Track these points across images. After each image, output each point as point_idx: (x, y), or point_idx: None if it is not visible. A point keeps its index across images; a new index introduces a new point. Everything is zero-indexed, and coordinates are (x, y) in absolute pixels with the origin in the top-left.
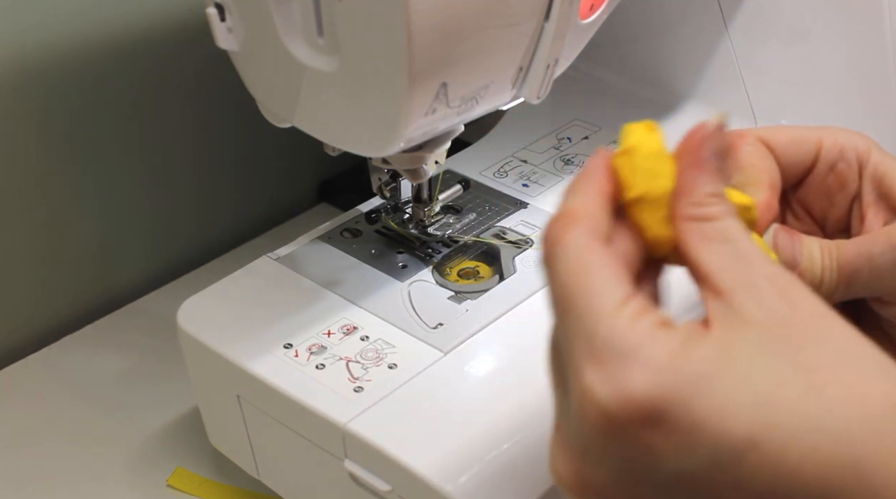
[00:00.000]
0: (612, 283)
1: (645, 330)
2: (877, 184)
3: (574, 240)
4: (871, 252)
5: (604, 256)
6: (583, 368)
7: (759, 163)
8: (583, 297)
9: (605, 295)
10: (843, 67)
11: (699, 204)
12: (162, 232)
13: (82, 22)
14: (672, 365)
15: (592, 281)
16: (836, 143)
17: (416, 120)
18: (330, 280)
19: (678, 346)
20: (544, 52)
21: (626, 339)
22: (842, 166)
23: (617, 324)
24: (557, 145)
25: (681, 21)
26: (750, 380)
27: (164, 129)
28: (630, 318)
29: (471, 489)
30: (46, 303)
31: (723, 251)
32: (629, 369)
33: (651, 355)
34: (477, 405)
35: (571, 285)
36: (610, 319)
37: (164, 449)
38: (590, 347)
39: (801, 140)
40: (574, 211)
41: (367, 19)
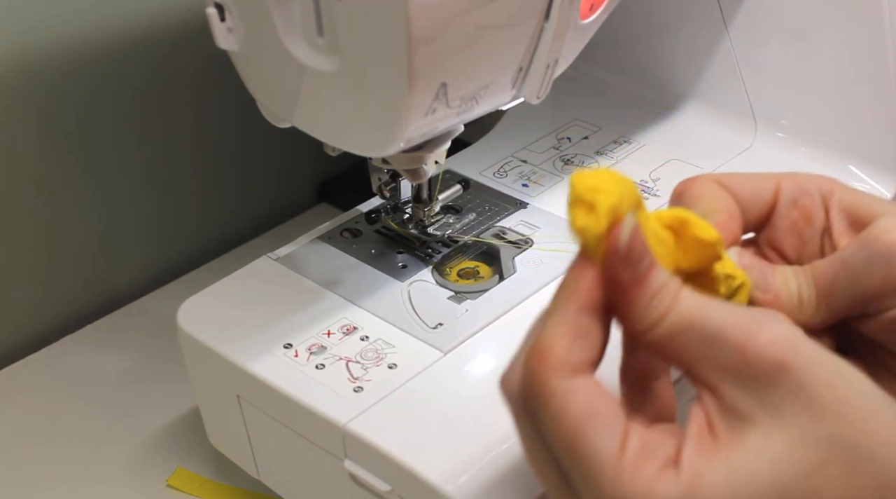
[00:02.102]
0: (603, 434)
1: (650, 481)
2: (846, 213)
3: (553, 391)
4: (843, 257)
5: (587, 402)
6: None
7: (712, 195)
8: (580, 458)
9: (599, 452)
10: (843, 67)
11: (646, 315)
12: (162, 232)
13: (82, 22)
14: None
15: (584, 439)
16: (795, 181)
17: (416, 120)
18: (330, 280)
19: (687, 487)
20: (544, 52)
21: (634, 493)
22: (805, 200)
23: (621, 481)
24: (557, 145)
25: (681, 21)
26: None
27: (164, 129)
28: (633, 470)
29: (471, 489)
30: (46, 303)
31: (690, 341)
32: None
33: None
34: (477, 405)
35: (565, 446)
36: (613, 477)
37: (164, 449)
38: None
39: (758, 179)
40: (547, 348)
41: (367, 19)
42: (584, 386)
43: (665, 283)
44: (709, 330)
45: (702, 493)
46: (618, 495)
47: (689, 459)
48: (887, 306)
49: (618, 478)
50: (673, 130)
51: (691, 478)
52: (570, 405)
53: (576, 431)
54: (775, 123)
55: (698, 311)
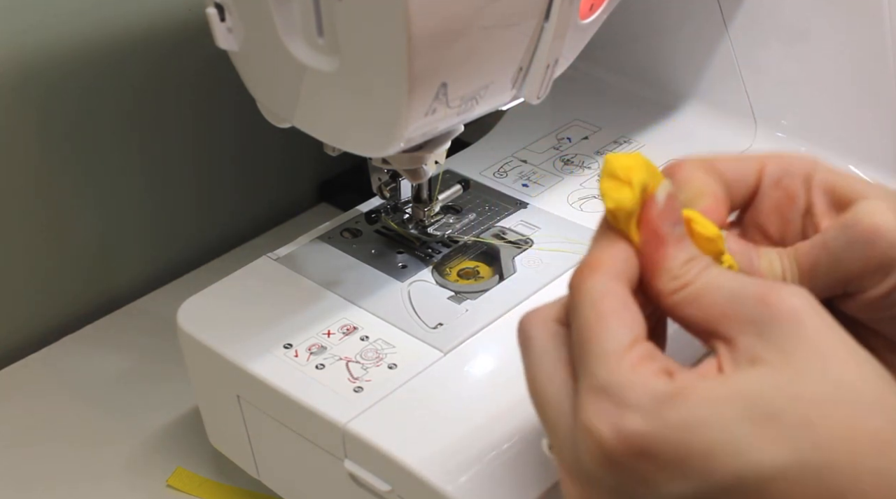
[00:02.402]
0: (620, 328)
1: (644, 375)
2: (828, 194)
3: (592, 286)
4: (825, 239)
5: (618, 302)
6: (585, 404)
7: (700, 177)
8: (593, 340)
9: (612, 340)
10: (843, 67)
11: (677, 277)
12: (162, 232)
13: (82, 22)
14: (661, 409)
15: (603, 326)
16: (779, 161)
17: (416, 120)
18: (330, 280)
19: (672, 391)
20: (544, 52)
21: (624, 381)
22: (787, 181)
23: (619, 367)
24: (557, 145)
25: (681, 21)
26: (743, 422)
27: (164, 129)
28: (633, 362)
29: (471, 489)
30: (46, 303)
31: (715, 300)
32: (622, 409)
33: (643, 398)
34: (477, 405)
35: (585, 329)
36: (613, 362)
37: (164, 449)
38: (592, 385)
39: (743, 160)
40: (596, 259)
41: (367, 19)
42: (621, 292)
43: (697, 253)
44: (736, 289)
45: (689, 393)
46: (609, 378)
47: (687, 374)
48: (866, 287)
49: (616, 364)
50: (673, 130)
51: (684, 384)
52: (605, 299)
53: (599, 317)
54: (775, 123)
55: (726, 276)
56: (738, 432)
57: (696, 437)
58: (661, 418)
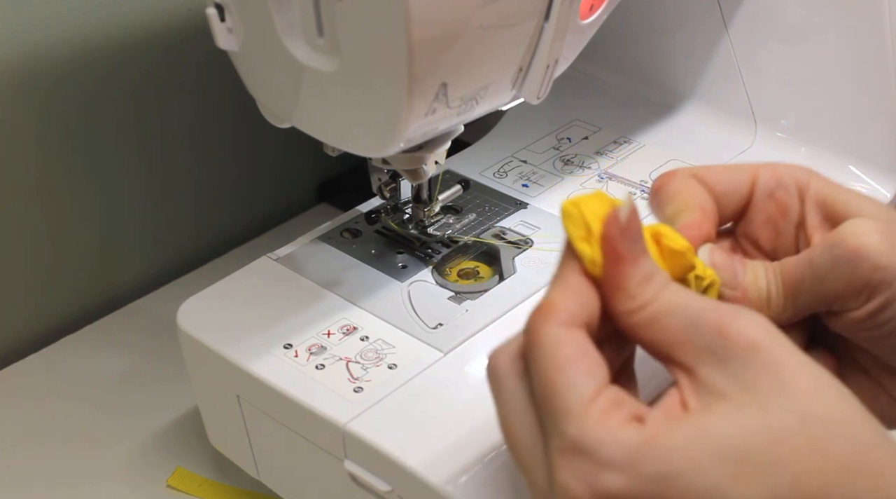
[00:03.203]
0: (581, 378)
1: (613, 428)
2: (820, 207)
3: (547, 335)
4: (811, 257)
5: (577, 350)
6: (557, 464)
7: (689, 191)
8: (556, 395)
9: (574, 393)
10: (843, 67)
11: (634, 297)
12: (162, 232)
13: (82, 22)
14: (636, 464)
15: (563, 379)
16: (773, 173)
17: (416, 120)
18: (330, 280)
19: (644, 441)
20: (544, 52)
21: (593, 437)
22: (781, 193)
23: (586, 422)
24: (557, 145)
25: (681, 21)
26: (717, 466)
27: (164, 129)
28: (599, 415)
29: (471, 489)
30: (46, 303)
31: (671, 325)
32: (597, 469)
33: (617, 454)
34: (477, 405)
35: (546, 383)
36: (579, 417)
37: (164, 449)
38: (563, 445)
39: (735, 170)
40: (550, 302)
41: (367, 19)
42: (577, 337)
43: (655, 271)
44: (692, 314)
45: (662, 443)
46: (579, 436)
47: (655, 417)
48: (850, 307)
49: (583, 419)
50: (673, 129)
51: (654, 431)
52: (561, 349)
53: (559, 370)
54: (775, 123)
55: (683, 299)
56: (714, 478)
57: (674, 487)
58: (636, 474)
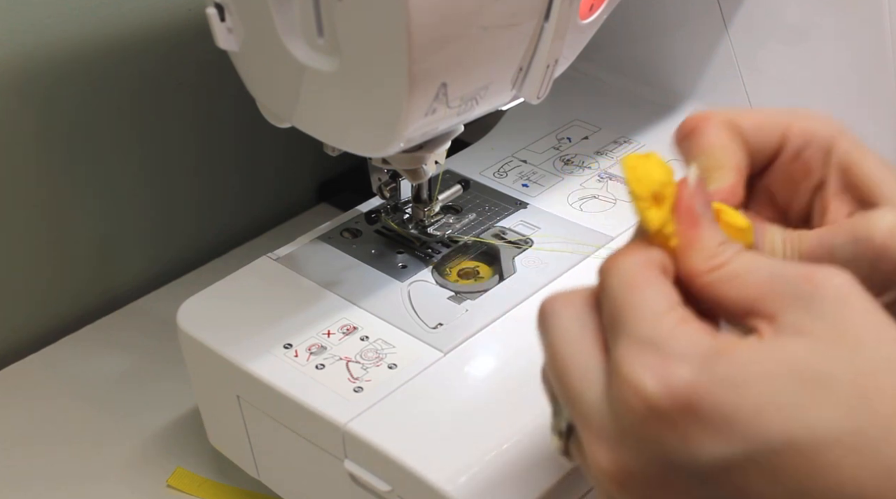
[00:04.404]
0: (657, 295)
1: (690, 332)
2: (843, 174)
3: (623, 266)
4: (833, 244)
5: (652, 275)
6: (626, 357)
7: (725, 145)
8: (631, 306)
9: (652, 302)
10: (843, 67)
11: (714, 255)
12: (162, 232)
13: (82, 22)
14: (710, 362)
15: (641, 291)
16: (804, 129)
17: (416, 120)
18: (330, 280)
19: (721, 346)
20: (544, 52)
21: (671, 336)
22: (808, 153)
23: (664, 323)
24: (557, 145)
25: (681, 21)
26: (794, 383)
27: (164, 129)
28: (677, 320)
29: (471, 489)
30: (46, 303)
31: (755, 279)
32: (668, 361)
33: (690, 350)
34: (477, 405)
35: (620, 297)
36: (657, 319)
37: (164, 449)
38: (634, 340)
39: (769, 124)
40: (627, 246)
41: (367, 19)
42: (654, 271)
43: (728, 238)
44: (777, 268)
45: (739, 352)
46: (654, 334)
47: (732, 336)
48: None
49: (659, 322)
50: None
51: (727, 343)
52: (637, 274)
53: (632, 288)
54: None
55: (765, 258)
56: (791, 393)
57: (746, 394)
58: (709, 371)
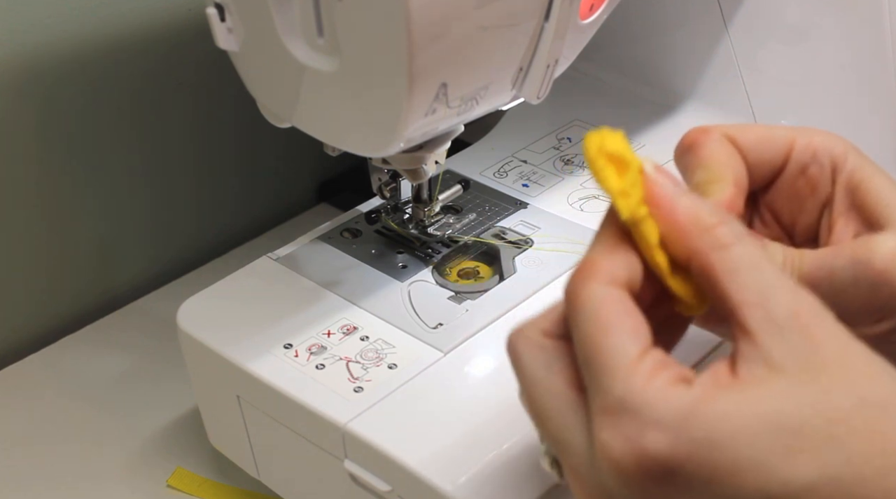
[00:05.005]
0: (627, 339)
1: (661, 388)
2: (850, 193)
3: (591, 295)
4: (833, 266)
5: (621, 310)
6: (600, 424)
7: (723, 159)
8: (600, 354)
9: (620, 353)
10: (843, 67)
11: (712, 226)
12: (162, 232)
13: (82, 22)
14: (684, 425)
15: (608, 338)
16: (809, 144)
17: (416, 120)
18: (330, 280)
19: (693, 404)
20: (544, 52)
21: (640, 397)
22: (814, 170)
23: (633, 382)
24: (557, 145)
25: (681, 21)
26: (769, 437)
27: (164, 129)
28: (646, 375)
29: (471, 489)
30: (46, 303)
31: (750, 283)
32: (643, 428)
33: (664, 415)
34: (477, 405)
35: (589, 343)
36: (626, 377)
37: (164, 449)
38: (606, 404)
39: (772, 139)
40: (591, 261)
41: (367, 19)
42: (621, 297)
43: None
44: (772, 281)
45: (712, 408)
46: (626, 396)
47: (704, 382)
48: (861, 323)
49: (629, 378)
50: (673, 129)
51: (704, 395)
52: (604, 308)
53: (603, 330)
54: (775, 123)
55: (762, 256)
56: (765, 447)
57: (722, 454)
58: (684, 436)
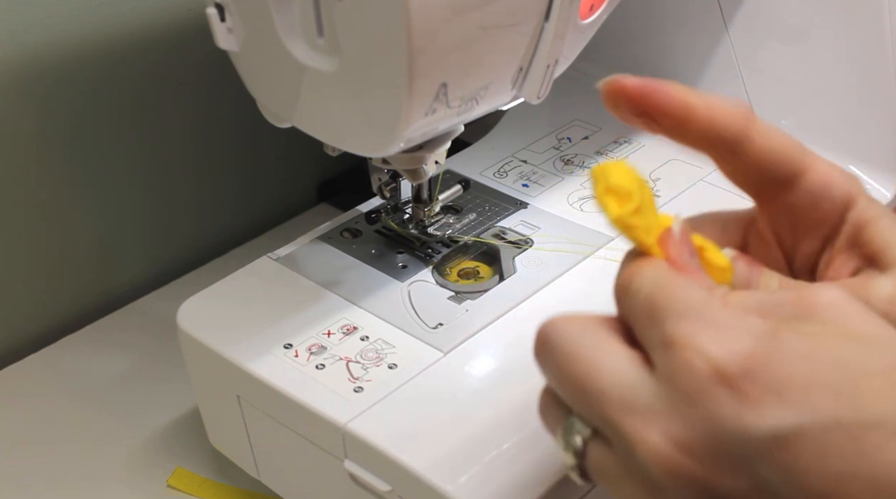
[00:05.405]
0: (695, 283)
1: (739, 310)
2: (856, 230)
3: (653, 267)
4: None
5: (682, 275)
6: (686, 332)
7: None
8: (671, 294)
9: (693, 288)
10: (843, 67)
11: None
12: (162, 232)
13: (82, 22)
14: (766, 337)
15: (677, 283)
16: (826, 177)
17: (416, 120)
18: (330, 280)
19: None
20: (544, 52)
21: (723, 313)
22: (826, 205)
23: (713, 302)
24: (557, 145)
25: (681, 21)
26: (838, 370)
27: (164, 129)
28: (723, 299)
29: (471, 489)
30: (46, 303)
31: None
32: (732, 333)
33: (747, 326)
34: (477, 405)
35: (655, 292)
36: (705, 299)
37: (164, 449)
38: (689, 319)
39: (792, 155)
40: (643, 256)
41: (367, 19)
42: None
43: (714, 284)
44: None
45: (786, 337)
46: (704, 314)
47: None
48: None
49: (708, 301)
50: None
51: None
52: (671, 273)
53: (669, 279)
54: (775, 123)
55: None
56: (836, 378)
57: (800, 371)
58: (766, 344)
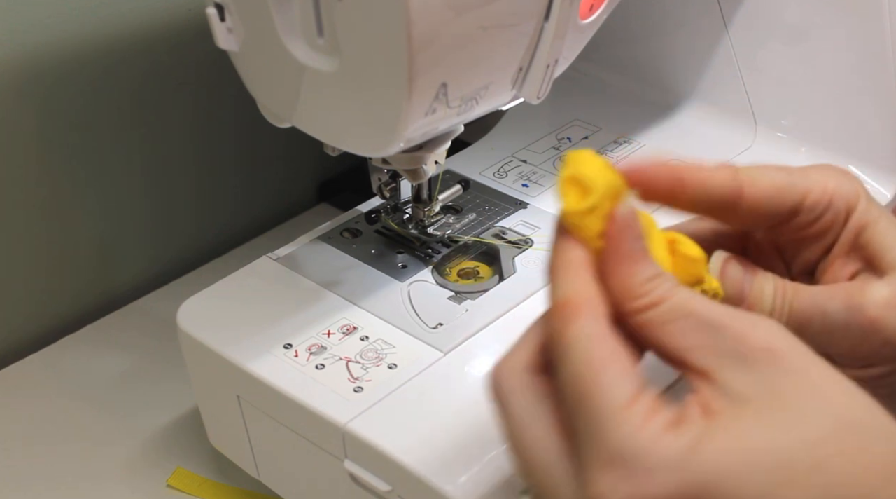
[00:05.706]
0: (619, 382)
1: (656, 433)
2: (856, 233)
3: (578, 334)
4: (826, 307)
5: (609, 350)
6: (596, 475)
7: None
8: (591, 399)
9: (612, 398)
10: (843, 67)
11: (641, 296)
12: (162, 232)
13: (82, 22)
14: (685, 465)
15: (599, 383)
16: (825, 191)
17: (416, 120)
18: (330, 280)
19: (689, 445)
20: (544, 52)
21: (637, 443)
22: (828, 218)
23: (627, 429)
24: (557, 145)
25: (681, 21)
26: (759, 467)
27: (164, 129)
28: (640, 420)
29: (471, 489)
30: (46, 303)
31: (687, 328)
32: (644, 474)
33: (664, 458)
34: (477, 405)
35: (579, 387)
36: (620, 423)
37: (164, 449)
38: (601, 453)
39: (787, 189)
40: (573, 296)
41: (367, 19)
42: (607, 334)
43: (661, 272)
44: (707, 319)
45: (702, 455)
46: (620, 446)
47: (691, 421)
48: (852, 366)
49: (623, 427)
50: (673, 129)
51: (693, 439)
52: (594, 350)
53: (596, 373)
54: (775, 123)
55: (699, 302)
56: (758, 486)
57: (723, 484)
58: (683, 482)
